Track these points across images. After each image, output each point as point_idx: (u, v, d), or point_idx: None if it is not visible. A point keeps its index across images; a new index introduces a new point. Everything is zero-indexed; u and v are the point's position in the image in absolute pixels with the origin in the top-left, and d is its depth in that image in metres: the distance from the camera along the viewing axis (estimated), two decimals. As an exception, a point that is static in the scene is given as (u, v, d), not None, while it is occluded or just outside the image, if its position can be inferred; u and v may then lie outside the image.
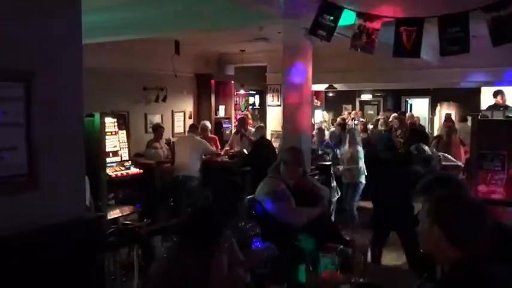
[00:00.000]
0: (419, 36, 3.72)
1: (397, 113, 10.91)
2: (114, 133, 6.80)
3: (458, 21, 3.61)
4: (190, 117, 9.32)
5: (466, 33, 3.58)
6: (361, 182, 6.34)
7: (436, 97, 12.72)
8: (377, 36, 3.91)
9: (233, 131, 8.77)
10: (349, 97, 13.95)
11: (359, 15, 3.86)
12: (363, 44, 4.03)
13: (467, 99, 10.90)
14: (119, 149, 6.80)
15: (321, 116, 12.67)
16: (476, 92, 9.73)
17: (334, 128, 9.57)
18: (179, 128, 9.13)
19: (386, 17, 3.76)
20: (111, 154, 6.65)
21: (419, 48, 3.74)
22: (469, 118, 7.72)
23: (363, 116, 12.88)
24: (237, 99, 10.88)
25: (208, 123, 8.02)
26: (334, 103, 13.49)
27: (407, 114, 10.59)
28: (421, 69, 8.03)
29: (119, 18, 5.49)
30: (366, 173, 6.20)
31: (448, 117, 9.53)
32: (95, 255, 2.46)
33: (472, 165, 4.33)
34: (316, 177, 5.27)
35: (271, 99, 10.06)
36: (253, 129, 7.87)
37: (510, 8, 3.46)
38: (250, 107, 11.80)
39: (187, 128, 7.63)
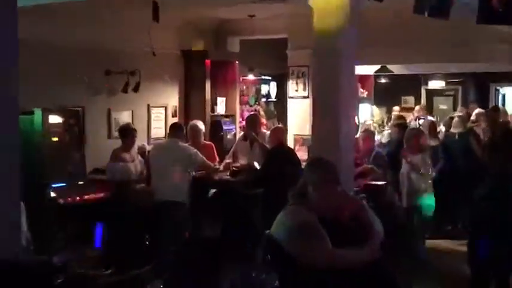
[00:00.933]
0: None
1: (483, 107, 10.76)
2: (62, 138, 6.99)
3: None
4: (174, 115, 9.54)
5: None
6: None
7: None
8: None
9: (238, 136, 8.99)
10: (411, 85, 13.93)
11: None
12: (433, 4, 4.05)
13: None
14: (70, 161, 7.11)
15: (368, 113, 12.68)
16: None
17: (388, 130, 9.53)
18: (159, 130, 9.27)
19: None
20: (58, 170, 6.83)
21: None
22: None
23: (431, 113, 12.88)
24: (244, 88, 11.10)
25: (201, 124, 8.18)
26: (388, 94, 13.50)
27: (501, 109, 10.35)
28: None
29: None
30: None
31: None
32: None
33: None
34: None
35: (294, 89, 10.31)
36: (267, 133, 8.04)
37: None
38: (264, 99, 12.07)
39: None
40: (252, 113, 9.63)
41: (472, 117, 9.50)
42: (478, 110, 10.06)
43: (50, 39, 7.23)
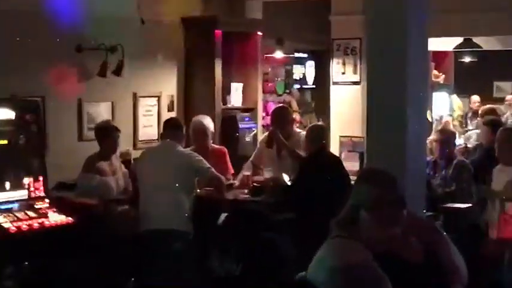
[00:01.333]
0: None
1: None
2: (14, 140, 7.09)
3: None
4: (171, 109, 9.72)
5: None
6: None
7: None
8: None
9: (261, 138, 9.03)
10: (507, 65, 13.80)
11: None
12: None
13: None
14: (24, 172, 7.14)
15: (446, 106, 12.63)
16: None
17: (475, 130, 9.47)
18: (149, 129, 9.35)
19: None
20: (7, 184, 6.95)
21: None
22: None
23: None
24: (270, 70, 11.31)
25: (208, 121, 8.35)
26: (474, 78, 13.38)
27: None
28: None
29: None
30: None
31: None
32: None
33: None
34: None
35: (339, 71, 10.51)
36: (302, 134, 8.20)
37: None
38: (296, 86, 12.16)
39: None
40: (279, 105, 9.75)
41: None
42: None
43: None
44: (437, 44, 9.88)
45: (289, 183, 7.70)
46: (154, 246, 6.94)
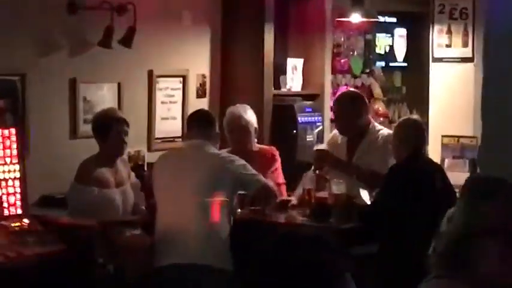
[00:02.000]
0: None
1: None
2: None
3: None
4: (202, 94, 9.96)
5: None
6: None
7: None
8: None
9: (328, 135, 9.31)
10: None
11: None
12: None
13: None
14: None
15: None
16: None
17: None
18: (171, 123, 9.30)
19: None
20: None
21: None
22: None
23: None
24: (342, 40, 11.40)
25: (249, 113, 8.58)
26: None
27: None
28: None
29: None
30: None
31: None
32: None
33: None
34: None
35: (442, 42, 10.83)
36: (384, 131, 8.55)
37: None
38: (381, 64, 12.35)
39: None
40: (347, 90, 9.87)
41: None
42: None
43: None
44: None
45: (369, 202, 7.80)
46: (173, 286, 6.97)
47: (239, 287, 6.93)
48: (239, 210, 7.63)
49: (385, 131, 8.66)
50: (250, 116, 8.43)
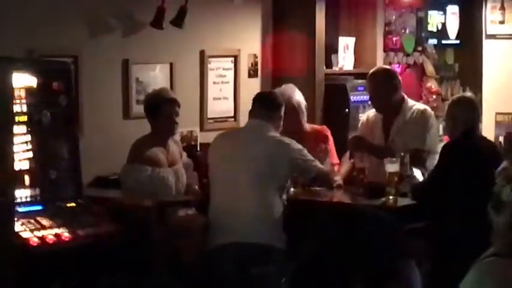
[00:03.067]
0: None
1: None
2: (35, 118, 7.09)
3: None
4: (253, 74, 9.77)
5: None
6: None
7: None
8: None
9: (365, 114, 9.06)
10: None
11: None
12: None
13: None
14: (50, 162, 7.16)
15: None
16: None
17: None
18: (223, 103, 9.01)
19: None
20: (26, 179, 6.96)
21: None
22: None
23: None
24: (394, 18, 11.31)
25: (298, 94, 8.44)
26: None
27: None
28: None
29: None
30: None
31: None
32: None
33: None
34: None
35: (497, 18, 11.08)
36: (419, 107, 8.56)
37: None
38: (433, 42, 12.18)
39: (246, 106, 7.98)
40: (378, 67, 9.41)
41: None
42: None
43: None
44: None
45: (419, 178, 7.71)
46: (232, 268, 6.97)
47: (295, 265, 6.67)
48: (292, 189, 7.57)
49: (419, 105, 8.61)
50: (299, 96, 8.30)
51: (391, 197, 7.70)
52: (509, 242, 3.25)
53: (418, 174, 7.76)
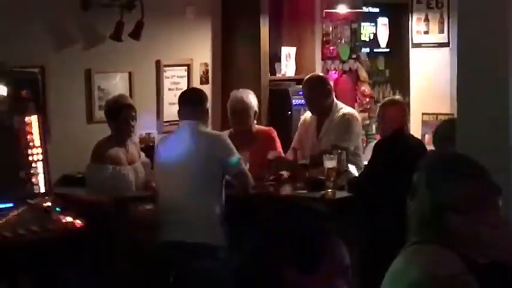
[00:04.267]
0: None
1: None
2: (7, 124, 7.24)
3: None
4: (205, 81, 9.93)
5: None
6: None
7: None
8: None
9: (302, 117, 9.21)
10: None
11: None
12: None
13: None
14: (22, 164, 7.29)
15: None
16: None
17: None
18: (177, 108, 9.18)
19: None
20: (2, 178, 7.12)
21: None
22: None
23: None
24: (331, 29, 11.38)
25: (250, 97, 8.57)
26: None
27: None
28: None
29: None
30: None
31: None
32: None
33: None
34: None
35: (421, 29, 11.08)
36: (347, 110, 8.71)
37: None
38: (366, 50, 12.27)
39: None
40: (312, 74, 9.67)
41: None
42: None
43: None
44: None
45: (352, 173, 7.98)
46: (179, 264, 7.09)
47: (238, 261, 6.79)
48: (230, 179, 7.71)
49: (345, 109, 8.77)
50: (250, 99, 8.41)
51: (329, 190, 7.90)
52: (421, 228, 3.27)
53: (353, 169, 8.05)
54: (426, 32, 10.38)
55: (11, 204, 7.07)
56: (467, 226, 3.28)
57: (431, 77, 10.13)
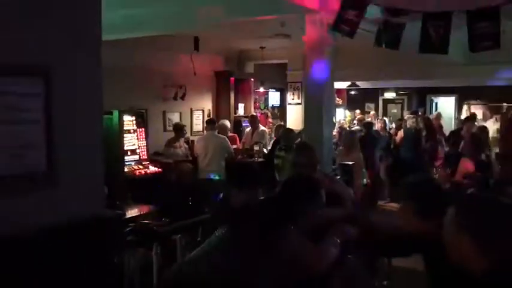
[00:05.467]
0: (447, 31, 3.66)
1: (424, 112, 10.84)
2: (132, 131, 7.10)
3: (489, 16, 3.51)
4: (209, 116, 10.25)
5: (497, 28, 3.48)
6: None
7: (463, 96, 12.49)
8: (402, 31, 3.84)
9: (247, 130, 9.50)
10: (371, 95, 13.99)
11: (384, 9, 3.80)
12: (388, 39, 3.97)
13: (498, 97, 10.78)
14: (137, 147, 7.18)
15: (342, 115, 12.51)
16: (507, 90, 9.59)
17: (357, 127, 9.41)
18: (198, 126, 9.82)
19: (412, 11, 3.68)
20: (129, 152, 6.94)
21: (447, 43, 3.71)
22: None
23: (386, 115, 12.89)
24: (257, 97, 11.95)
25: (227, 122, 9.02)
26: (356, 101, 13.50)
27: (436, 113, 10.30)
28: (449, 66, 7.90)
29: (137, 14, 5.58)
30: None
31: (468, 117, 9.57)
32: (113, 255, 2.44)
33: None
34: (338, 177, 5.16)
35: (291, 98, 11.52)
36: (264, 129, 8.48)
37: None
38: (270, 105, 12.86)
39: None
40: (252, 114, 9.48)
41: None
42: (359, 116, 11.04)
43: (125, 63, 7.33)
44: (338, 85, 9.87)
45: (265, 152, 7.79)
46: (203, 185, 6.53)
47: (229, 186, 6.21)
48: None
49: (262, 127, 8.18)
50: (227, 123, 8.03)
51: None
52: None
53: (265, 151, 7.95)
54: (293, 99, 10.53)
55: (133, 163, 6.42)
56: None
57: (295, 115, 10.17)
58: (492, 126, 8.87)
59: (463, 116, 12.12)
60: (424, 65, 8.29)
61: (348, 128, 9.67)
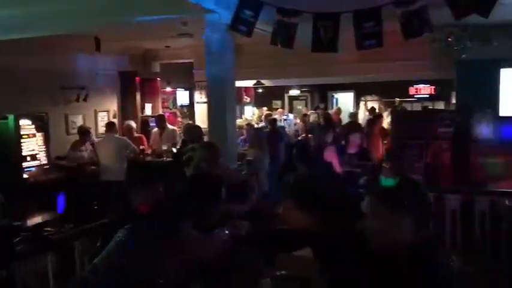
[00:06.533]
0: (335, 31, 3.91)
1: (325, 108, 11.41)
2: (32, 135, 6.68)
3: (372, 16, 3.84)
4: (114, 117, 9.56)
5: (380, 28, 3.81)
6: None
7: (360, 91, 13.39)
8: (295, 31, 4.06)
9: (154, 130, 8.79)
10: (278, 93, 14.32)
11: (278, 10, 3.99)
12: (283, 38, 4.16)
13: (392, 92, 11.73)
14: (37, 152, 6.76)
15: (251, 112, 12.78)
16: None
17: (263, 124, 9.65)
18: (103, 128, 8.99)
19: (304, 12, 3.91)
20: (28, 158, 6.56)
21: (336, 42, 3.95)
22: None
23: (291, 112, 13.27)
24: (165, 96, 11.37)
25: (132, 123, 8.37)
26: (264, 99, 13.76)
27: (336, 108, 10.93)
28: (346, 64, 8.34)
29: (28, 13, 5.12)
30: None
31: (369, 110, 10.22)
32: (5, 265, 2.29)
33: (395, 154, 4.21)
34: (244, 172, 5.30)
35: (199, 96, 10.79)
36: (173, 128, 8.24)
37: (418, 2, 3.74)
38: (179, 104, 12.28)
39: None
40: (160, 113, 9.26)
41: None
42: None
43: (20, 65, 6.99)
44: (245, 83, 10.04)
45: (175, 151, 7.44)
46: (107, 188, 6.39)
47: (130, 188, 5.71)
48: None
49: (170, 127, 8.06)
50: (132, 124, 7.91)
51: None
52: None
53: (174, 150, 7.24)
54: (200, 97, 10.40)
55: (33, 169, 6.37)
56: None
57: (203, 114, 9.91)
58: (386, 119, 9.33)
59: (360, 110, 13.02)
60: (323, 63, 8.35)
61: (256, 125, 9.75)
